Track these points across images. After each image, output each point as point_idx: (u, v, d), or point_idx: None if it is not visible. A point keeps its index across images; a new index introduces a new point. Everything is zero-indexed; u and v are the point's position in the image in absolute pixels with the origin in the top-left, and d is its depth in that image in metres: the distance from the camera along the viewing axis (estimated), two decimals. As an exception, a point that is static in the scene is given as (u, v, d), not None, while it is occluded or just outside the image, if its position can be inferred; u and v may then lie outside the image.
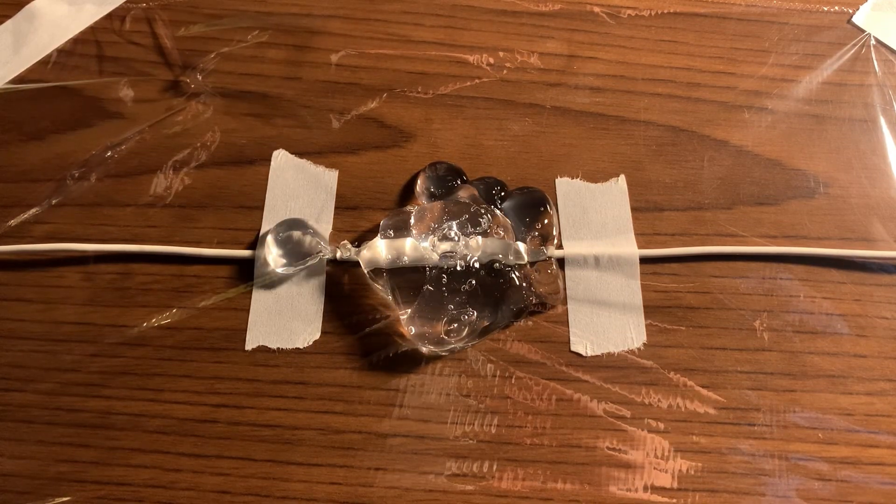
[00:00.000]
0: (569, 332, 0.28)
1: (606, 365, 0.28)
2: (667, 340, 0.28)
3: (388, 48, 0.35)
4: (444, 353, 0.28)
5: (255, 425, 0.27)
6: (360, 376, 0.27)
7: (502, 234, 0.29)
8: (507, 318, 0.28)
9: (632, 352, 0.28)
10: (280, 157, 0.32)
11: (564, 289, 0.29)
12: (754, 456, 0.26)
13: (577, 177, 0.31)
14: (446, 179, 0.31)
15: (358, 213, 0.31)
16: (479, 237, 0.28)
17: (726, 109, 0.33)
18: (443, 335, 0.27)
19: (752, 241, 0.30)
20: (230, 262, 0.29)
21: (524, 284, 0.28)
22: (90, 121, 0.33)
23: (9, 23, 0.35)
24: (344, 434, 0.27)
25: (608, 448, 0.26)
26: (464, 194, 0.30)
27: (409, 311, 0.28)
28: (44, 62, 0.34)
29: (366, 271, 0.28)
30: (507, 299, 0.28)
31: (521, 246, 0.28)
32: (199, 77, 0.34)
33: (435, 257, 0.28)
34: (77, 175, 0.31)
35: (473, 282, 0.28)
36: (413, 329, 0.27)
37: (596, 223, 0.30)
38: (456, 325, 0.27)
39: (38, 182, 0.31)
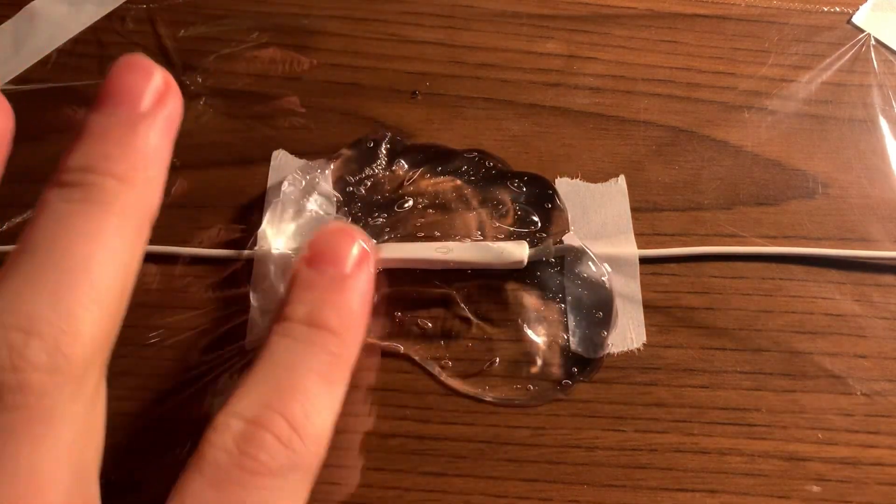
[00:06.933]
0: (568, 332, 0.28)
1: (606, 365, 0.28)
2: (667, 340, 0.28)
3: (388, 48, 0.35)
4: (443, 361, 0.28)
5: (255, 425, 0.27)
6: (360, 376, 0.27)
7: (503, 235, 0.29)
8: (508, 322, 0.28)
9: (632, 352, 0.28)
10: (280, 157, 0.32)
11: (564, 288, 0.29)
12: (754, 456, 0.26)
13: (576, 177, 0.31)
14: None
15: (358, 214, 0.31)
16: (479, 239, 0.28)
17: (726, 109, 0.33)
18: (442, 344, 0.27)
19: (751, 241, 0.30)
20: (230, 261, 0.29)
21: (525, 286, 0.28)
22: (90, 121, 0.33)
23: (9, 23, 0.35)
24: (344, 434, 0.26)
25: (609, 448, 0.26)
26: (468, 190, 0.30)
27: (408, 316, 0.28)
28: (44, 62, 0.34)
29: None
30: (509, 302, 0.28)
31: (522, 246, 0.28)
32: (200, 78, 0.34)
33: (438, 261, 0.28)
34: (77, 175, 0.31)
35: (474, 289, 0.28)
36: (410, 337, 0.27)
37: (596, 223, 0.30)
38: (457, 335, 0.27)
39: (38, 182, 0.31)
